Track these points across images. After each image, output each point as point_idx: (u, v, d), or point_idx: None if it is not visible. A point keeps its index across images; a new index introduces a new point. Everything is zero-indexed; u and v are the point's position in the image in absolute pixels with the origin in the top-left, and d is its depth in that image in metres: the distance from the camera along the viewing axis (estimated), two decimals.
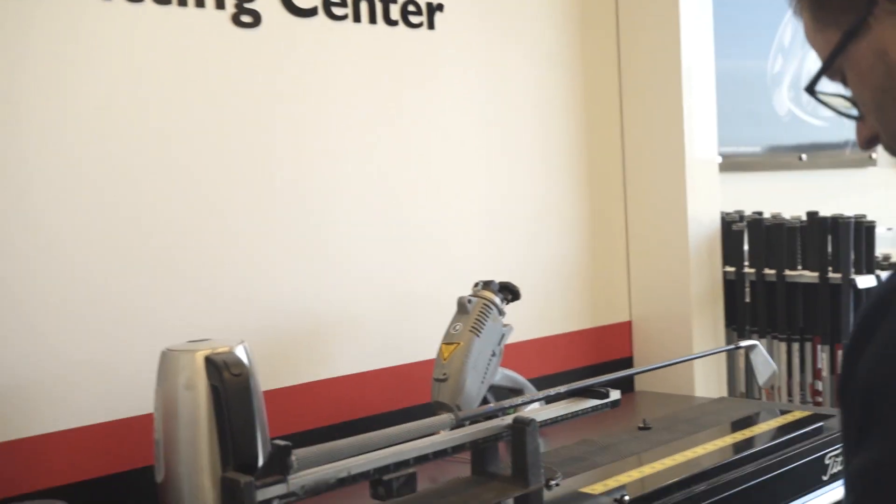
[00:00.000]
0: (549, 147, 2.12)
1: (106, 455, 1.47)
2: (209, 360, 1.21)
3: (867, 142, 0.88)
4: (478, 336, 1.59)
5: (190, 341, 1.40)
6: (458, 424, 1.35)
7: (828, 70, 0.85)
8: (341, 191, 1.75)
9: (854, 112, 0.87)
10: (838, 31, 0.81)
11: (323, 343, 1.73)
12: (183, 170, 1.55)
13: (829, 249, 2.19)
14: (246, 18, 1.62)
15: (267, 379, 1.59)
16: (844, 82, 0.86)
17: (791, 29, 2.79)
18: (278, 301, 1.66)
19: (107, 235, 1.48)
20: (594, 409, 1.50)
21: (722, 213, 2.29)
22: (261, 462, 1.19)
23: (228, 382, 1.18)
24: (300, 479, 1.15)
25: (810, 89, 0.87)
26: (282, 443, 1.13)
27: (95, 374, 1.47)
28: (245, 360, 1.31)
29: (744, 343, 1.87)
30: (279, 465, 1.13)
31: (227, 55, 1.60)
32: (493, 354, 1.62)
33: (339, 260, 1.74)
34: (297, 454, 1.13)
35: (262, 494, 1.11)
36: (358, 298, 1.77)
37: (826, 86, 0.88)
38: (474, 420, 1.39)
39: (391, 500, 1.25)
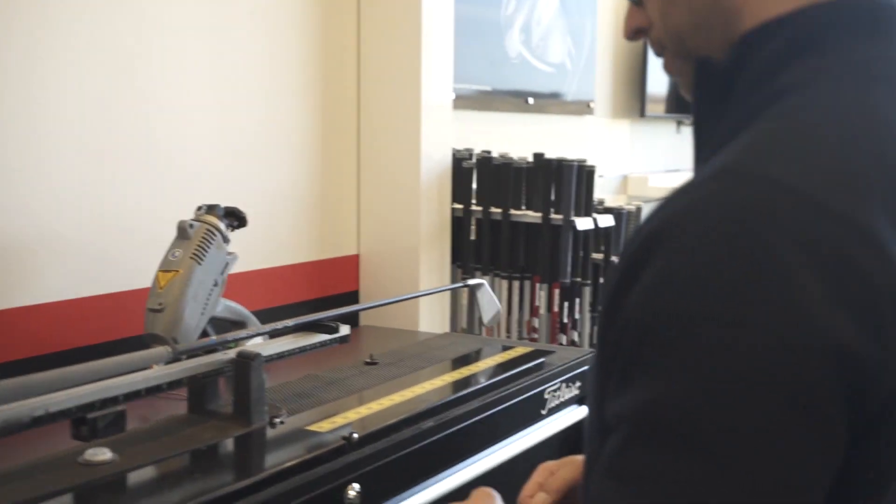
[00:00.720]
0: (282, 73, 2.02)
1: None
2: None
3: (634, 32, 0.87)
4: (199, 264, 1.47)
5: None
6: (175, 358, 1.24)
7: None
8: (47, 93, 1.55)
9: None
10: None
11: (17, 265, 1.54)
12: None
13: (553, 191, 2.25)
14: None
15: None
16: None
17: None
18: None
19: None
20: (323, 343, 1.45)
21: (454, 150, 2.29)
22: None
23: None
24: None
25: None
26: None
27: None
28: None
29: (471, 282, 1.88)
30: None
31: None
32: (216, 284, 1.52)
33: (40, 171, 1.55)
34: None
35: None
36: (62, 216, 1.59)
37: None
38: (193, 354, 1.29)
39: (96, 440, 1.13)
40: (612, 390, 0.69)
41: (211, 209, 1.54)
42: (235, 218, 1.58)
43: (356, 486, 1.23)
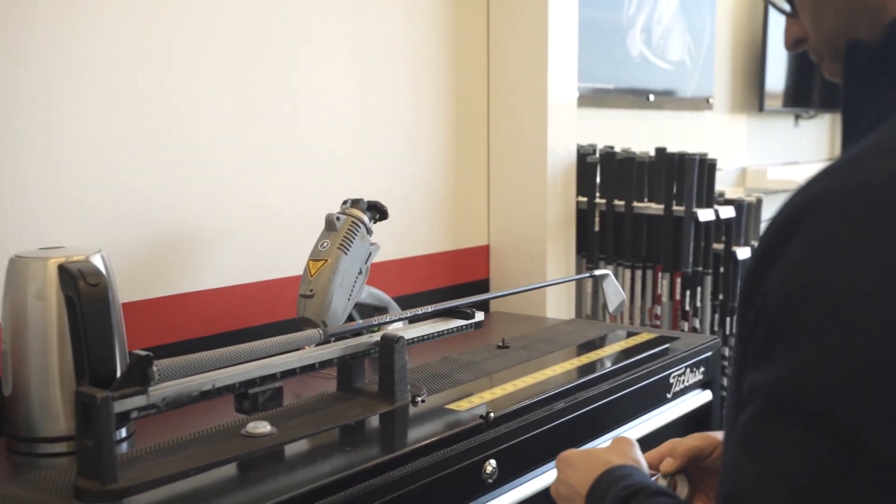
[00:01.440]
0: (419, 77, 2.02)
1: None
2: (63, 269, 1.07)
3: (794, 42, 0.82)
4: (345, 254, 1.49)
5: (42, 248, 1.26)
6: (326, 340, 1.26)
7: None
8: (212, 102, 1.60)
9: (787, 7, 0.81)
10: None
11: (188, 255, 1.58)
12: (36, 70, 1.37)
13: (675, 184, 2.19)
14: None
15: (128, 290, 1.46)
16: None
17: None
18: (141, 209, 1.51)
19: None
20: (459, 328, 1.44)
21: (578, 145, 2.25)
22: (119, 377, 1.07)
23: (84, 293, 1.03)
24: (161, 390, 1.03)
25: None
26: (142, 353, 1.01)
27: None
28: (102, 270, 1.17)
29: (597, 272, 1.84)
30: (139, 377, 1.01)
31: None
32: (360, 272, 1.53)
33: (207, 171, 1.60)
34: (159, 365, 1.02)
35: (120, 406, 0.99)
36: (225, 211, 1.64)
37: None
38: (341, 336, 1.31)
39: (256, 413, 1.16)
40: (749, 365, 0.66)
41: (355, 203, 1.56)
42: (377, 211, 1.59)
43: (493, 462, 1.23)
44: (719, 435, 1.08)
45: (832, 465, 0.58)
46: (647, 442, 1.54)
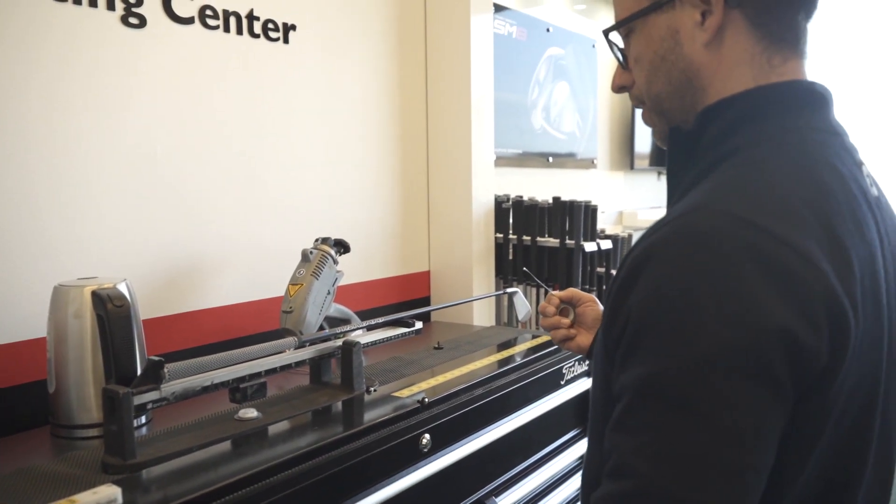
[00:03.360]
0: (373, 141, 2.03)
1: (4, 371, 1.27)
2: (95, 294, 1.05)
3: (619, 88, 0.84)
4: (317, 279, 1.49)
5: (79, 278, 1.24)
6: (301, 345, 1.26)
7: (626, 25, 0.79)
8: (215, 165, 1.59)
9: (622, 60, 0.83)
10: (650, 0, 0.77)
11: (195, 282, 1.57)
12: (89, 145, 1.35)
13: (567, 224, 2.23)
14: (133, 20, 1.42)
15: (148, 309, 1.43)
16: (627, 37, 0.81)
17: (544, 69, 2.82)
18: (158, 247, 1.49)
19: (19, 189, 1.26)
20: (403, 335, 1.44)
21: (495, 195, 2.28)
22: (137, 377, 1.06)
23: (111, 313, 1.02)
24: (171, 387, 1.02)
25: (606, 33, 0.82)
26: (156, 358, 1.00)
27: None
28: (126, 294, 1.16)
29: (509, 290, 1.86)
30: (153, 376, 1.00)
31: (116, 51, 1.41)
32: (329, 293, 1.53)
33: (210, 217, 1.59)
34: (169, 367, 1.01)
35: (138, 399, 0.98)
36: (224, 247, 1.62)
37: (613, 36, 0.83)
38: (313, 342, 1.30)
39: (246, 403, 1.15)
40: (616, 370, 0.67)
41: (325, 240, 1.56)
42: (342, 246, 1.59)
43: (427, 436, 1.23)
44: (591, 295, 1.21)
45: (685, 432, 0.60)
46: (548, 418, 1.57)
